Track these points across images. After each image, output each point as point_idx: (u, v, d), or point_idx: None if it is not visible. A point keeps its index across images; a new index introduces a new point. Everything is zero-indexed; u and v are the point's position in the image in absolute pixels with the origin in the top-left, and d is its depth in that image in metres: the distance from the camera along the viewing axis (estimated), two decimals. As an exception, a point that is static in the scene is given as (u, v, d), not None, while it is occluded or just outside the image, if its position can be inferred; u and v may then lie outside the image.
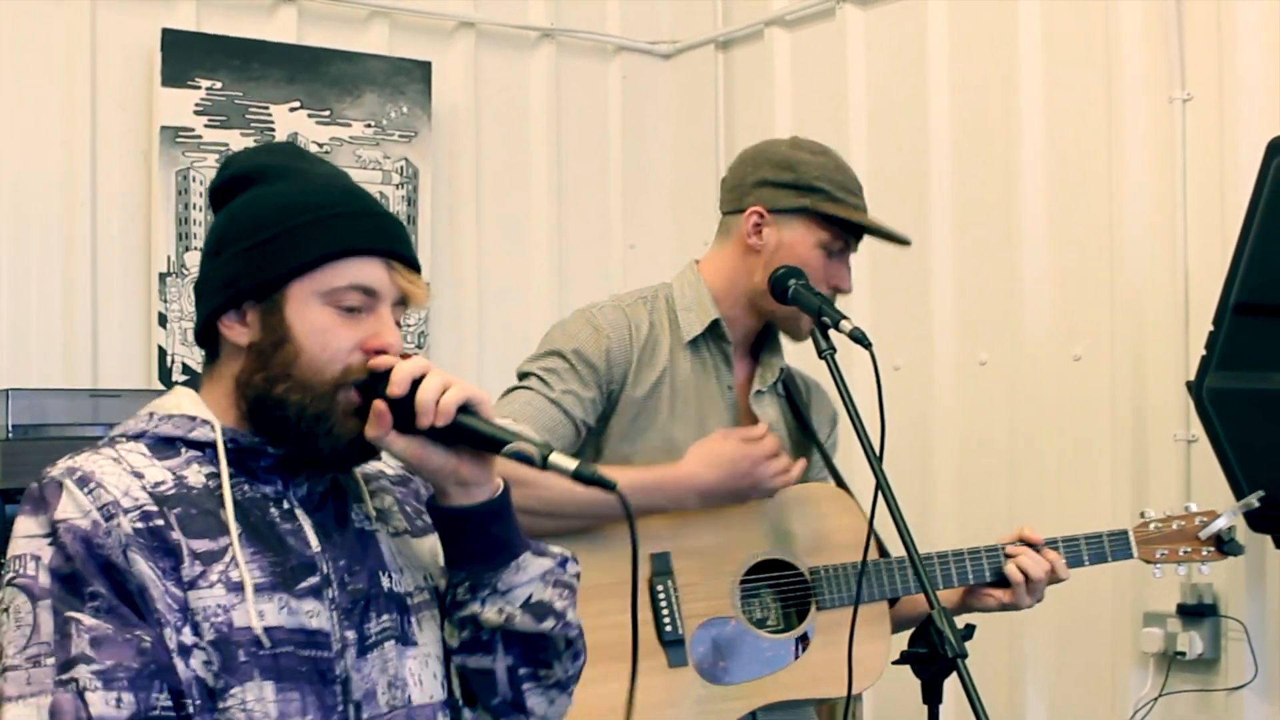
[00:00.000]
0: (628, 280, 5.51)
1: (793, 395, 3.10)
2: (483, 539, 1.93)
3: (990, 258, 4.51)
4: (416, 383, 1.84)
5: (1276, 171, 3.37)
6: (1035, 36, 4.41)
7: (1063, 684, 4.28)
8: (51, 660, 1.72)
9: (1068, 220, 4.32)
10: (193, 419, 1.90)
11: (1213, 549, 3.14)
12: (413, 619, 1.97)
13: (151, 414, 1.93)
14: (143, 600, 1.76)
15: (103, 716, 1.69)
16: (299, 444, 1.88)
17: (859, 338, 2.68)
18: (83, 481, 1.80)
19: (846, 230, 2.93)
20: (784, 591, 2.94)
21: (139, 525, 1.78)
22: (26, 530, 1.79)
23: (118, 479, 1.82)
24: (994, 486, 4.45)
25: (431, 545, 2.02)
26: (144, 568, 1.77)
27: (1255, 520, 3.37)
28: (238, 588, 1.80)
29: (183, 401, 1.94)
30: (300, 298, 1.86)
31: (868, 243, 3.06)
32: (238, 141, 4.84)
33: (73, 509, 1.78)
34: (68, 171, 4.61)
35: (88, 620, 1.73)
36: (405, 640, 1.95)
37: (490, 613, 1.94)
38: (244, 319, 1.89)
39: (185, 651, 1.77)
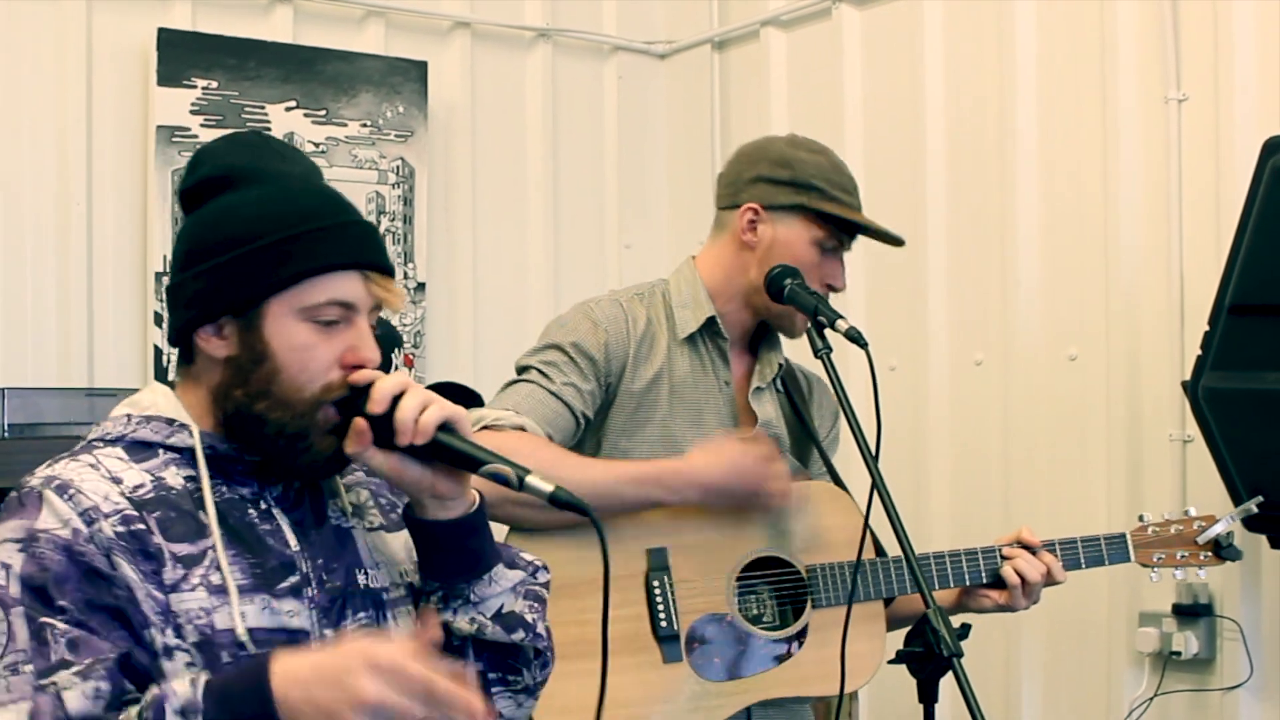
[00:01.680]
0: (624, 280, 5.51)
1: (791, 392, 3.10)
2: (457, 552, 1.93)
3: (985, 258, 4.52)
4: (396, 399, 1.84)
5: (1272, 171, 3.37)
6: (1030, 37, 4.41)
7: (1058, 683, 4.28)
8: (29, 667, 1.70)
9: (1063, 220, 4.32)
10: (170, 422, 1.90)
11: (1210, 554, 3.14)
12: (388, 615, 1.97)
13: (129, 416, 1.92)
14: (131, 602, 1.76)
15: (80, 711, 1.68)
16: (276, 457, 1.88)
17: (855, 337, 2.69)
18: (62, 489, 1.80)
19: (841, 229, 2.94)
20: (780, 589, 2.94)
21: (120, 529, 1.78)
22: (6, 536, 1.78)
23: (96, 484, 1.82)
24: (989, 486, 4.46)
25: (405, 540, 2.02)
26: (128, 571, 1.76)
27: (1250, 520, 3.37)
28: (219, 590, 1.81)
29: (159, 401, 1.93)
30: (278, 314, 1.85)
31: (863, 242, 3.06)
32: (233, 141, 4.83)
33: (52, 519, 1.77)
34: (63, 171, 4.61)
35: (62, 625, 1.72)
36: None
37: (462, 622, 1.95)
38: (221, 333, 1.88)
39: (168, 652, 1.77)
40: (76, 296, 4.59)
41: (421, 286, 5.18)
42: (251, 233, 1.85)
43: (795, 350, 3.08)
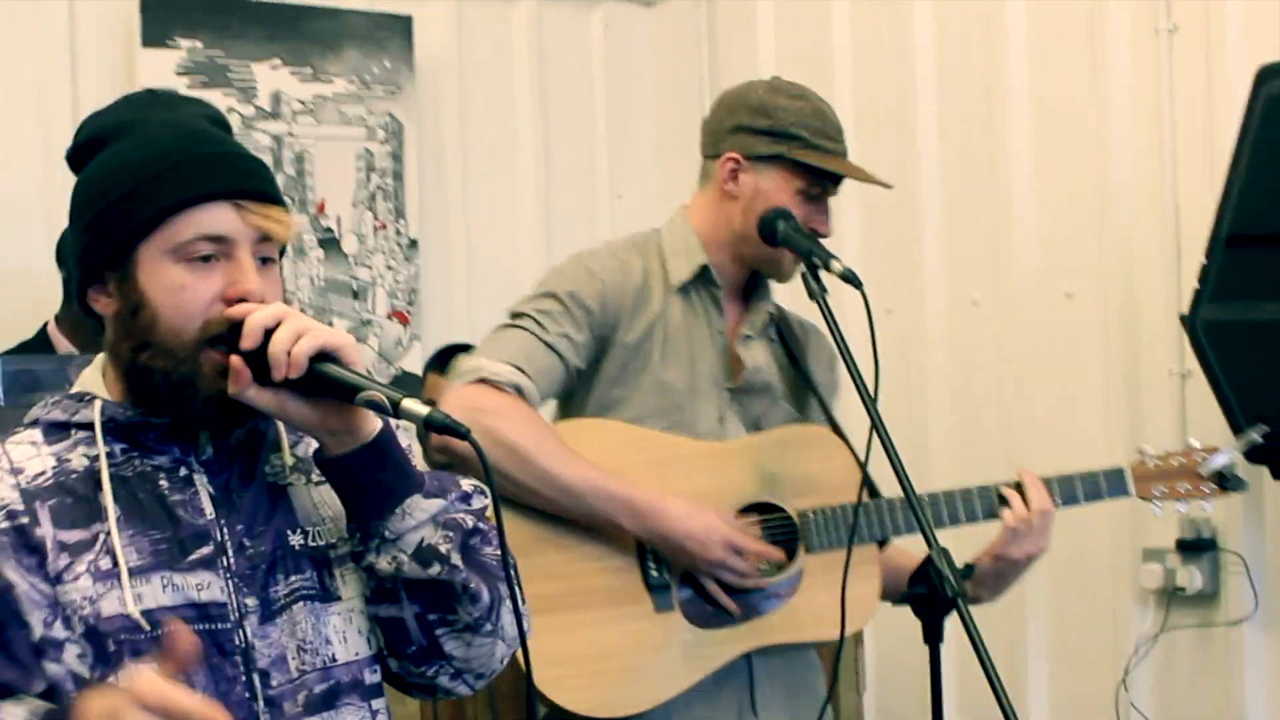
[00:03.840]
0: (616, 230, 5.48)
1: (787, 339, 3.08)
2: (361, 487, 1.85)
3: (978, 197, 4.50)
4: (270, 333, 1.77)
5: (1265, 101, 3.35)
6: (1018, -29, 4.38)
7: (1063, 622, 4.28)
8: None
9: (1055, 156, 4.29)
10: (80, 398, 1.86)
11: (1214, 485, 3.10)
12: (335, 573, 1.90)
13: (50, 396, 1.89)
14: (3, 602, 1.74)
15: None
16: (173, 410, 1.82)
17: (850, 278, 2.67)
18: None
19: (824, 176, 2.91)
20: (773, 534, 2.92)
21: (3, 525, 1.75)
22: None
23: None
24: (989, 426, 4.45)
25: None
26: (6, 571, 1.74)
27: (1252, 452, 3.36)
28: (109, 575, 1.76)
29: (87, 376, 1.90)
30: (150, 259, 1.80)
31: (855, 186, 3.04)
32: (220, 102, 4.80)
33: None
34: (48, 137, 4.57)
35: None
36: (326, 597, 1.89)
37: (383, 562, 1.86)
38: (107, 289, 1.84)
39: (56, 645, 1.74)
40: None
41: (414, 243, 5.16)
42: (115, 182, 1.82)
43: (792, 297, 3.06)
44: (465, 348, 4.47)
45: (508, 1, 5.50)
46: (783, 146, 2.89)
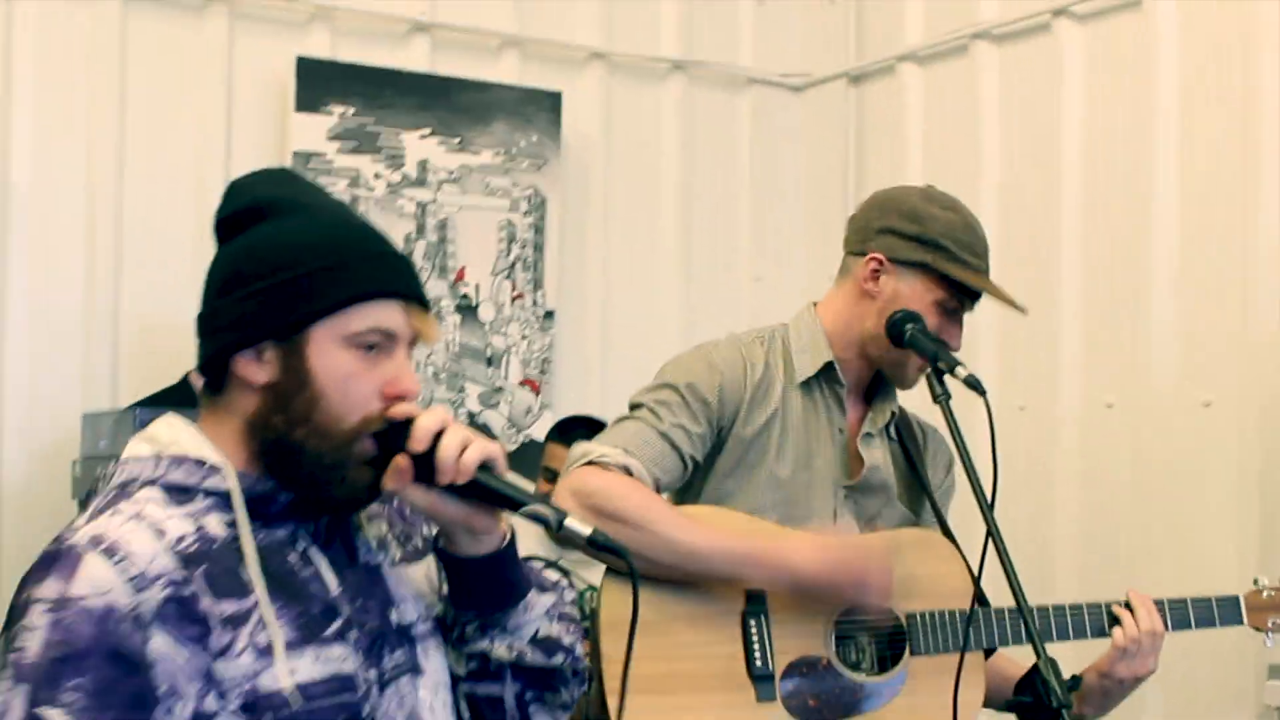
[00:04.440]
0: (755, 312, 5.49)
1: (905, 440, 3.07)
2: (492, 584, 1.96)
3: (1120, 299, 4.45)
4: (436, 437, 1.84)
5: None
6: (1172, 74, 4.34)
7: (1184, 736, 4.19)
8: None
9: (1199, 260, 4.24)
10: (202, 464, 1.85)
11: None
12: (418, 649, 1.98)
13: (158, 456, 1.87)
14: (158, 680, 1.72)
15: None
16: (311, 489, 1.87)
17: (974, 384, 2.66)
18: (109, 551, 1.74)
19: (963, 291, 2.91)
20: (878, 635, 2.90)
21: (167, 594, 1.74)
22: (38, 595, 1.73)
23: (144, 543, 1.76)
24: (1115, 531, 4.38)
25: (425, 570, 2.04)
26: (161, 643, 1.72)
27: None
28: (267, 650, 1.79)
29: (182, 439, 1.88)
30: (322, 341, 1.84)
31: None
32: (368, 167, 4.90)
33: (87, 585, 1.71)
34: (201, 194, 4.67)
35: (55, 718, 1.66)
36: (417, 671, 1.96)
37: (500, 649, 1.99)
38: (261, 358, 1.85)
39: (209, 718, 1.75)
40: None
41: (550, 314, 5.20)
42: (295, 259, 1.85)
43: (915, 401, 3.05)
44: (587, 419, 4.50)
45: (657, 81, 5.55)
46: (928, 255, 2.89)
